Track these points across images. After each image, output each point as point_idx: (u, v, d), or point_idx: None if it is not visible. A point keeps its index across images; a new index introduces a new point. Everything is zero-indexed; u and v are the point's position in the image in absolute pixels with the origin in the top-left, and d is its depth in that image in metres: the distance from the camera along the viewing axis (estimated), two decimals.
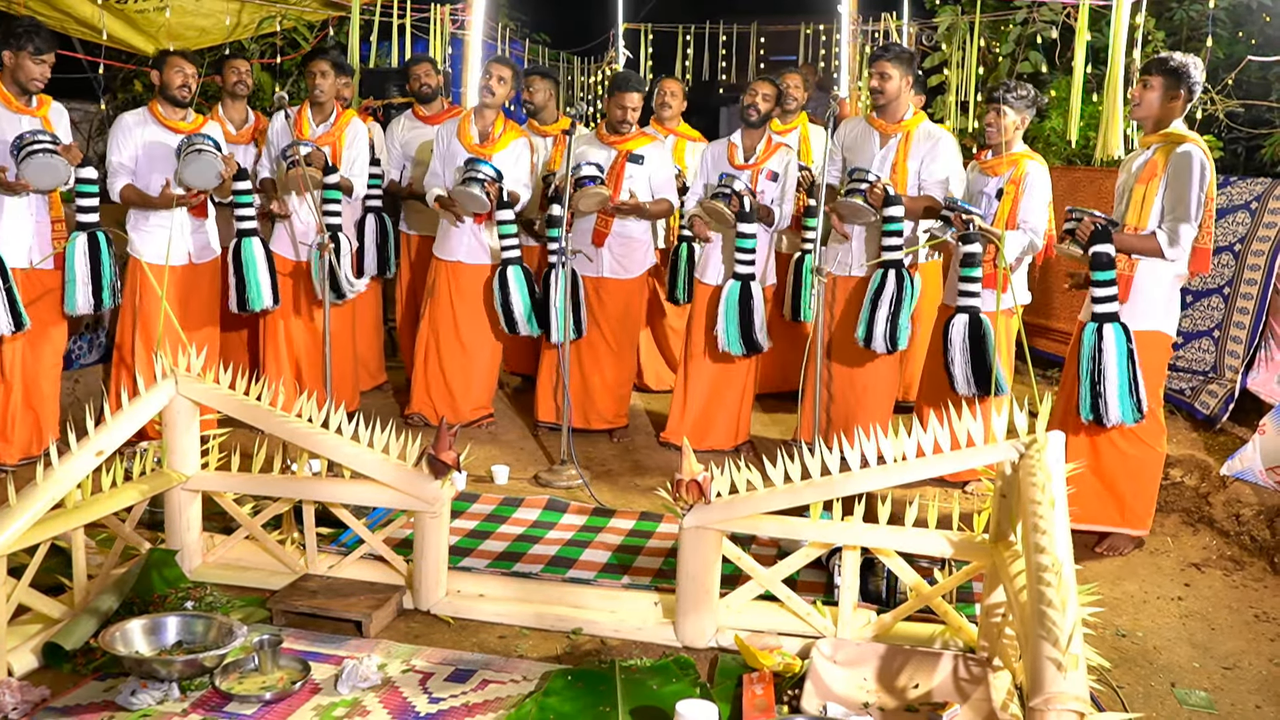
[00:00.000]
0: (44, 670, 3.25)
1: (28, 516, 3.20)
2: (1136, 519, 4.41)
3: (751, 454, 5.59)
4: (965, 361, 4.69)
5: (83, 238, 5.00)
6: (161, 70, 5.26)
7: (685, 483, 3.43)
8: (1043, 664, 2.44)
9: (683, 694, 3.09)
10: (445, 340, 5.85)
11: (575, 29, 13.70)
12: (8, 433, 4.98)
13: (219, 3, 6.87)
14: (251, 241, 5.42)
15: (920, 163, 5.12)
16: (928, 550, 3.46)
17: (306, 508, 3.92)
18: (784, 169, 5.45)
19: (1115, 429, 4.30)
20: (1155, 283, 4.26)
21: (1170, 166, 4.15)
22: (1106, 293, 4.16)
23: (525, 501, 4.84)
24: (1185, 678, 3.44)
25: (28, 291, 4.93)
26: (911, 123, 5.16)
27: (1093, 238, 4.16)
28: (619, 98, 5.49)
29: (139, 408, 3.73)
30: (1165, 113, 4.25)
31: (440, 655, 3.39)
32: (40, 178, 4.74)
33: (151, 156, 5.25)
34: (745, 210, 5.16)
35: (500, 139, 5.67)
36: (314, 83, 5.60)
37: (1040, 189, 4.73)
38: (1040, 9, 7.20)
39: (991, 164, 4.85)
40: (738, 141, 5.51)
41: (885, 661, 3.28)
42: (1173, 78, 4.18)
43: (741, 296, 5.25)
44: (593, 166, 5.38)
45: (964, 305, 4.71)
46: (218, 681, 3.12)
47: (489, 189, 5.40)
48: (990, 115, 4.79)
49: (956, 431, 3.36)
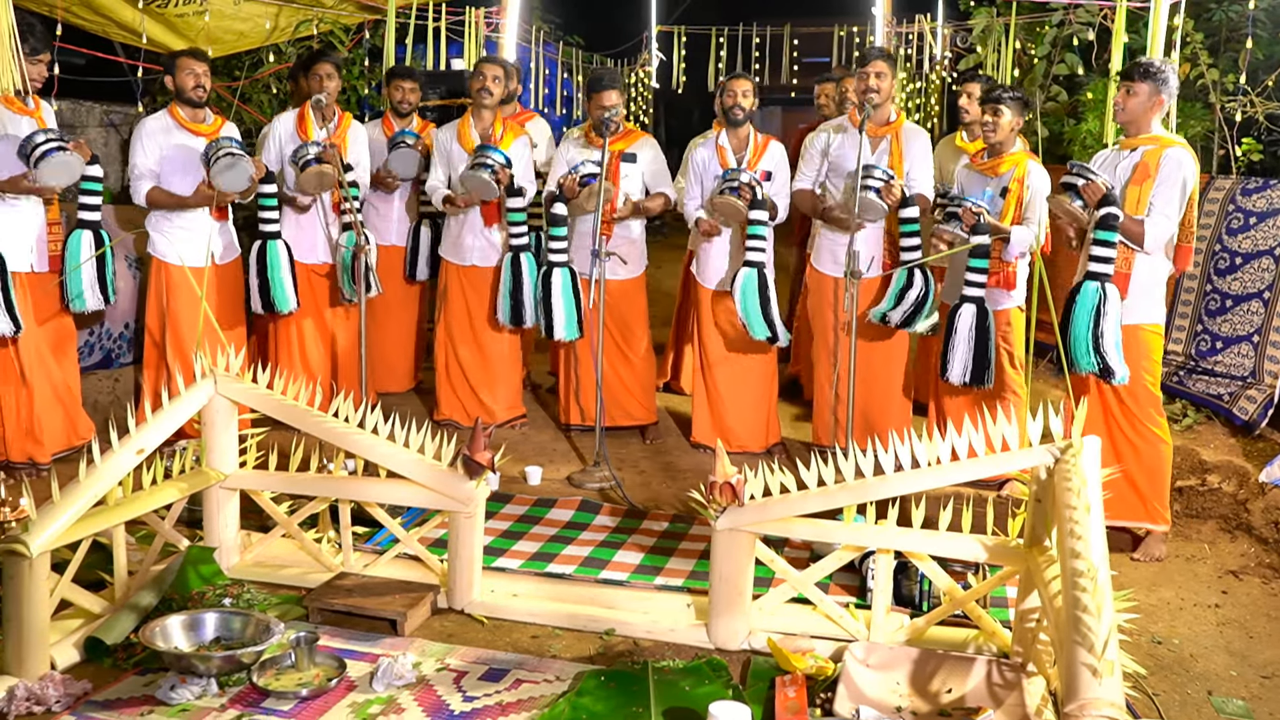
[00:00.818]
0: (85, 664, 3.30)
1: (71, 513, 3.25)
2: (1157, 513, 4.42)
3: (784, 455, 5.58)
4: (967, 351, 4.75)
5: (86, 234, 5.04)
6: (173, 74, 5.28)
7: (718, 485, 3.43)
8: (1078, 670, 2.43)
9: (715, 695, 3.10)
10: (463, 345, 5.88)
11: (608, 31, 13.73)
12: (36, 432, 5.03)
13: (257, 6, 6.93)
14: (276, 244, 5.48)
15: (911, 161, 5.21)
16: (962, 554, 3.46)
17: (343, 507, 3.96)
18: (777, 166, 5.45)
19: (1130, 425, 4.36)
20: (1154, 280, 4.37)
21: (1163, 168, 4.26)
22: (1107, 253, 4.22)
23: (559, 502, 4.86)
24: (1222, 686, 3.41)
25: (33, 292, 4.97)
26: (898, 124, 5.24)
27: (1102, 200, 4.22)
28: (598, 98, 5.43)
29: (179, 407, 3.78)
30: (1147, 116, 4.35)
31: (474, 654, 3.42)
32: (57, 176, 4.78)
33: (176, 160, 5.28)
34: (758, 199, 5.18)
35: (502, 139, 5.69)
36: (320, 85, 5.60)
37: (1042, 188, 4.79)
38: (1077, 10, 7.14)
39: (990, 164, 4.89)
40: (725, 144, 5.48)
41: (918, 665, 3.27)
42: (1155, 82, 4.29)
43: (758, 284, 5.24)
44: (592, 165, 5.37)
45: (970, 295, 4.76)
46: (255, 678, 3.16)
47: (499, 174, 5.43)
48: (988, 115, 4.81)
49: (990, 435, 3.35)
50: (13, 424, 4.98)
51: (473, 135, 5.68)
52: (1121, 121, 4.44)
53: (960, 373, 4.78)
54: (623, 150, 5.54)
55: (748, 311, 5.25)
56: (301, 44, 7.60)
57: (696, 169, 5.55)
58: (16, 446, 5.00)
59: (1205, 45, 6.56)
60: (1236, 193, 5.98)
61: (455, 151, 5.70)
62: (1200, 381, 5.83)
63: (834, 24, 12.89)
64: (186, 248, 5.29)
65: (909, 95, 11.05)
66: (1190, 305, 6.07)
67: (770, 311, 5.24)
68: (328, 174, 5.37)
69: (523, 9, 9.34)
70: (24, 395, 5.00)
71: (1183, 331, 6.08)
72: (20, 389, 4.99)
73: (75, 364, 5.34)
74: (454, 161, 5.70)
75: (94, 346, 5.81)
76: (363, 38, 8.29)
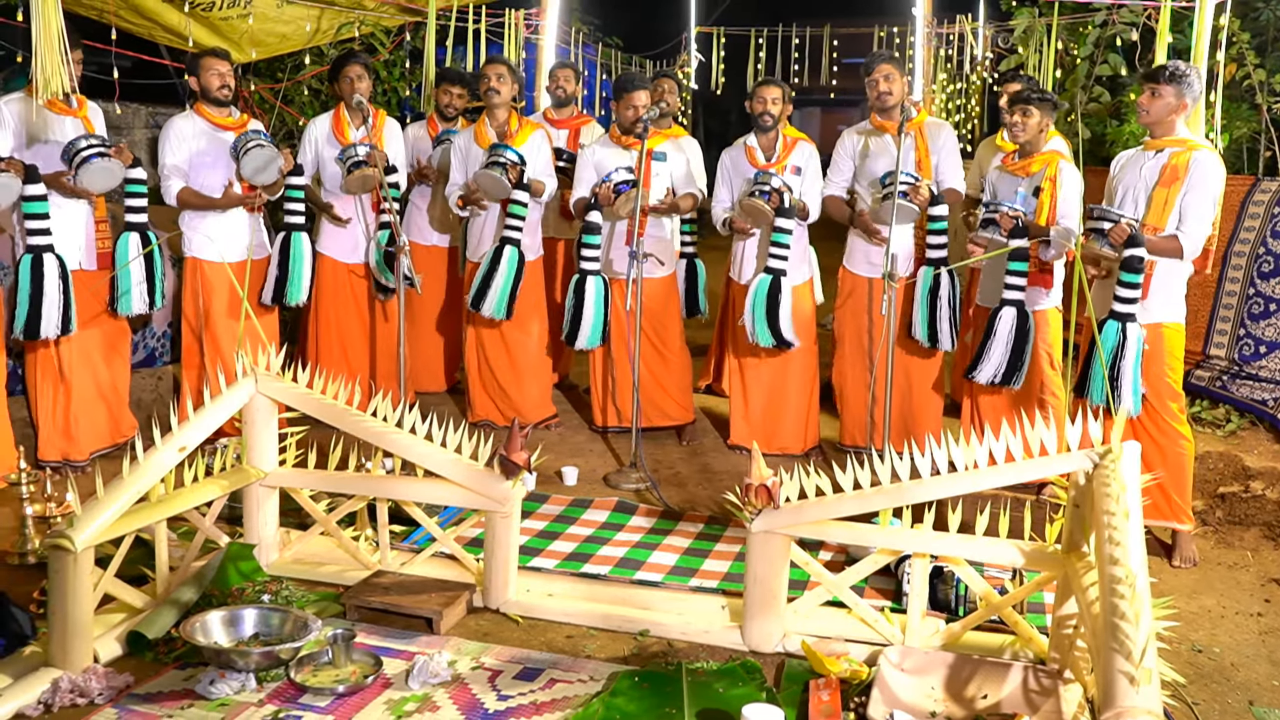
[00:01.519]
0: (127, 658, 3.35)
1: (114, 510, 3.31)
2: (1181, 512, 4.40)
3: (821, 459, 5.57)
4: (1003, 353, 4.74)
5: (134, 236, 5.10)
6: (198, 75, 5.31)
7: (754, 487, 3.43)
8: (1115, 677, 2.41)
9: (749, 698, 3.10)
10: (491, 345, 5.90)
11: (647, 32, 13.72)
12: (70, 430, 5.10)
13: (300, 9, 6.99)
14: (300, 236, 5.54)
15: (939, 156, 5.21)
16: (998, 559, 3.44)
17: (380, 505, 4.00)
18: (806, 162, 5.44)
19: (1155, 424, 4.37)
20: (1175, 280, 4.38)
21: (1193, 173, 4.24)
22: (1132, 294, 4.23)
23: (594, 503, 4.87)
24: (1264, 696, 3.36)
25: (80, 291, 5.03)
26: (919, 119, 5.25)
27: (1128, 241, 4.20)
28: (628, 98, 5.47)
29: (220, 405, 3.83)
30: (1172, 118, 4.34)
31: (509, 653, 3.44)
32: (98, 182, 4.84)
33: (205, 157, 5.32)
34: (784, 206, 5.17)
35: (518, 134, 5.71)
36: (351, 87, 5.64)
37: (1074, 186, 4.75)
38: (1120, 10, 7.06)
39: (1021, 164, 4.85)
40: (754, 144, 5.49)
41: (954, 671, 3.25)
42: (1180, 85, 4.28)
43: (770, 290, 5.24)
44: (625, 172, 5.39)
45: (1010, 299, 4.73)
46: (292, 673, 3.19)
47: (510, 172, 5.45)
48: (1017, 115, 4.78)
49: (1029, 440, 3.33)
50: (48, 423, 5.06)
51: (489, 135, 5.72)
52: (1145, 123, 4.43)
53: (990, 374, 4.76)
54: (652, 149, 5.55)
55: (755, 316, 5.26)
56: (343, 46, 7.66)
57: (726, 171, 5.58)
58: (51, 445, 5.07)
59: (1252, 45, 6.47)
60: None
61: (473, 152, 5.73)
62: (1244, 386, 5.74)
63: (874, 24, 12.80)
64: (221, 245, 5.34)
65: (949, 96, 10.97)
66: (1232, 309, 5.99)
67: (777, 319, 5.24)
68: (371, 176, 5.42)
69: (562, 10, 9.35)
70: (62, 394, 5.07)
71: (1225, 336, 6.00)
72: (59, 387, 5.07)
73: (126, 363, 5.41)
74: (471, 162, 5.73)
75: (138, 345, 5.90)
76: (404, 40, 8.35)
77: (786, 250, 5.24)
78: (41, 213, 4.74)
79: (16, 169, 4.60)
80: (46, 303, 4.74)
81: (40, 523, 4.13)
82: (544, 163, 5.79)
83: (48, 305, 4.75)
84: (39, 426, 5.08)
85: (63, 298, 4.79)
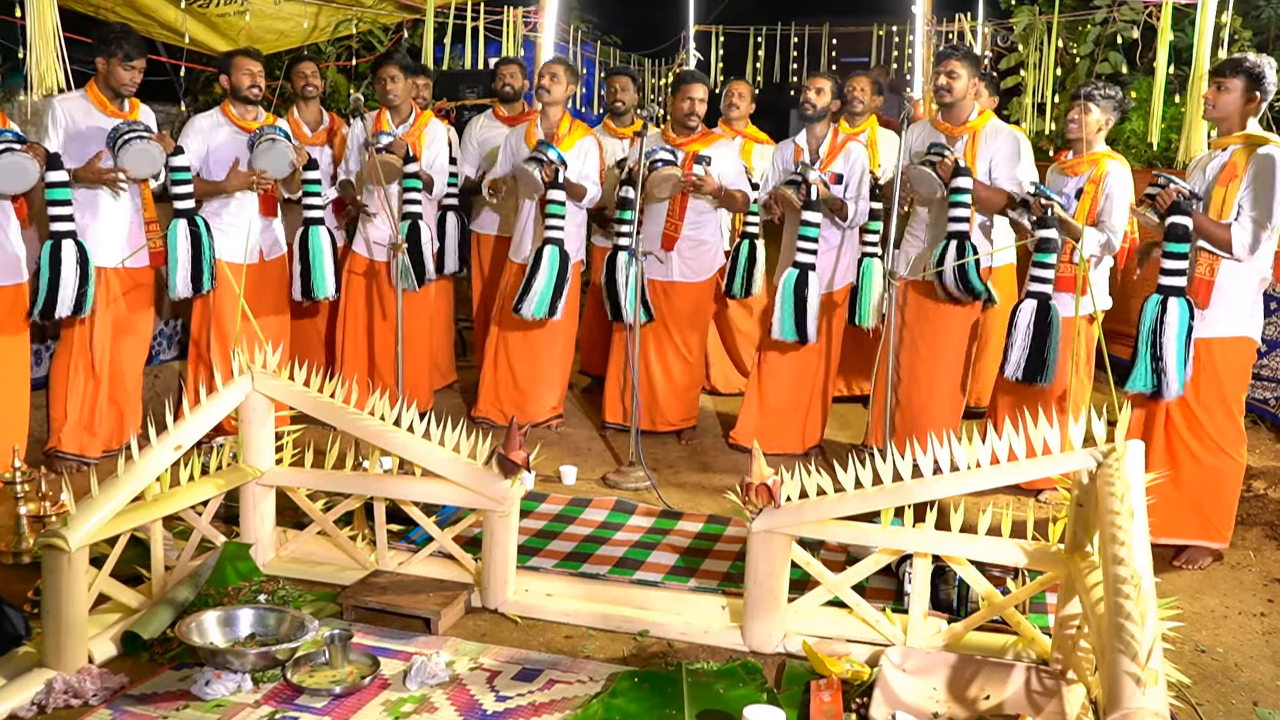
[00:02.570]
0: (122, 658, 3.32)
1: (109, 508, 3.28)
2: (1216, 531, 4.30)
3: (821, 458, 5.55)
4: (1024, 347, 4.65)
5: (183, 223, 5.10)
6: (229, 73, 5.36)
7: (755, 486, 3.41)
8: (1120, 678, 2.39)
9: (750, 699, 3.08)
10: (515, 343, 5.88)
11: (646, 31, 13.72)
12: (94, 426, 5.10)
13: (297, 6, 6.98)
14: (319, 230, 5.55)
15: (990, 162, 5.05)
16: (1001, 559, 3.41)
17: (377, 504, 3.97)
18: (849, 168, 5.41)
19: (1197, 438, 4.23)
20: (1239, 288, 4.17)
21: (1251, 169, 4.07)
22: (1176, 265, 4.07)
23: (593, 502, 4.84)
24: (1268, 697, 3.34)
25: (122, 287, 5.07)
26: (978, 123, 5.09)
27: (1171, 209, 4.08)
28: (685, 90, 5.51)
29: (216, 404, 3.80)
30: (1241, 114, 4.16)
31: (508, 654, 3.41)
32: (138, 164, 4.84)
33: (225, 156, 5.34)
34: (811, 199, 5.14)
35: (567, 138, 5.70)
36: (385, 88, 5.68)
37: (1121, 189, 4.62)
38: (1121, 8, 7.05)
39: (1071, 164, 4.76)
40: (802, 143, 5.49)
41: (956, 671, 3.23)
42: (1249, 79, 4.11)
43: (798, 284, 5.22)
44: (665, 151, 5.38)
45: (1034, 291, 4.66)
46: (289, 674, 3.16)
47: (546, 170, 5.45)
48: (1074, 111, 4.67)
49: (1032, 439, 3.30)
50: (74, 415, 5.04)
51: (538, 134, 5.74)
52: (1211, 119, 4.27)
53: (1014, 369, 4.69)
54: (697, 151, 5.53)
55: (782, 310, 5.23)
56: (341, 43, 7.65)
57: (775, 165, 5.58)
58: (72, 437, 5.05)
59: (1253, 43, 6.47)
60: None
61: (522, 151, 5.74)
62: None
63: (873, 23, 12.81)
64: (231, 243, 5.34)
65: None
66: None
67: (805, 315, 5.20)
68: (391, 164, 5.40)
69: (561, 8, 9.34)
70: (91, 389, 5.06)
71: None
72: (89, 382, 5.06)
73: (140, 363, 5.40)
74: (518, 158, 5.73)
75: None
76: (401, 37, 8.34)
77: (814, 244, 5.21)
78: (63, 199, 4.73)
79: (38, 154, 4.59)
80: (63, 285, 4.73)
81: (35, 522, 4.10)
82: (591, 168, 5.78)
83: (64, 288, 4.74)
84: (60, 418, 5.06)
85: (78, 281, 4.77)
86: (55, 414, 5.06)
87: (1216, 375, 4.21)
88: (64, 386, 5.03)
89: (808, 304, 5.21)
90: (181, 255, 5.10)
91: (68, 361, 5.02)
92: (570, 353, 6.05)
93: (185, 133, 5.37)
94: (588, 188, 5.71)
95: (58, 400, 5.06)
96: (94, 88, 4.94)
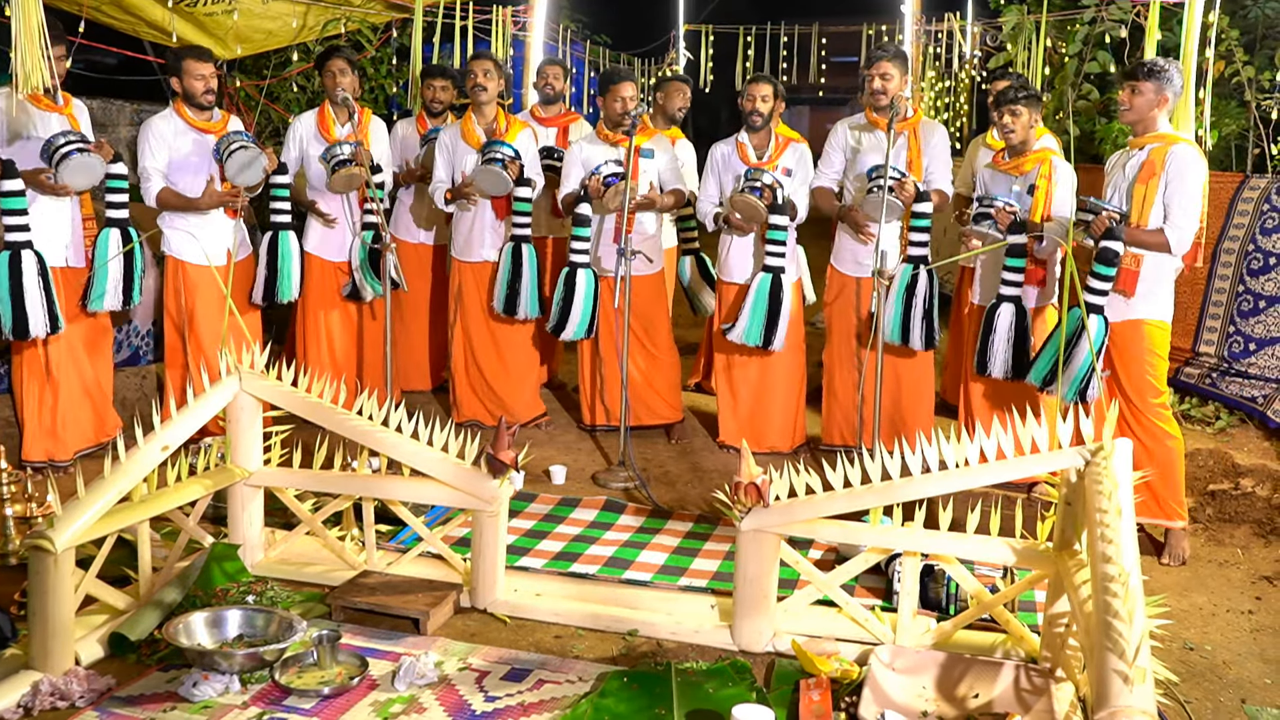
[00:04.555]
0: (109, 660, 3.31)
1: (95, 510, 3.26)
2: (1172, 510, 4.39)
3: (810, 456, 5.55)
4: (1007, 349, 4.72)
5: (115, 233, 5.03)
6: (180, 77, 5.22)
7: (744, 486, 3.41)
8: (1109, 676, 2.39)
9: (739, 698, 3.08)
10: (480, 344, 5.86)
11: (636, 30, 13.70)
12: (57, 430, 5.04)
13: (285, 5, 6.94)
14: (288, 235, 5.51)
15: (929, 157, 5.21)
16: (990, 558, 3.42)
17: (366, 505, 3.96)
18: (798, 164, 5.41)
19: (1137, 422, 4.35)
20: (1160, 276, 4.35)
21: (1169, 166, 4.24)
22: (1103, 286, 4.26)
23: (583, 502, 4.84)
24: (1256, 694, 3.35)
25: (65, 289, 4.98)
26: (914, 120, 5.26)
27: (1105, 234, 4.22)
28: (615, 90, 5.46)
29: (203, 404, 3.79)
30: (1153, 114, 4.33)
31: (497, 654, 3.40)
32: (77, 178, 4.77)
33: (185, 159, 5.25)
34: (778, 202, 5.14)
35: (507, 132, 5.68)
36: (334, 82, 5.57)
37: (1067, 181, 4.76)
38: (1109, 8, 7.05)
39: (1014, 164, 4.83)
40: (745, 141, 5.46)
41: (945, 670, 3.23)
42: (1159, 80, 4.28)
43: (772, 289, 5.21)
44: (614, 165, 5.36)
45: (1008, 295, 4.72)
46: (277, 675, 3.15)
47: (511, 168, 5.42)
48: (1006, 117, 4.76)
49: (1020, 437, 3.31)
50: (34, 422, 5.00)
51: (477, 132, 5.67)
52: (1128, 121, 4.43)
53: (1001, 369, 4.74)
54: (640, 146, 5.52)
55: (752, 315, 5.23)
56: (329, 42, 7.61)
57: (715, 166, 5.54)
58: (36, 445, 5.01)
59: (1240, 43, 6.48)
60: (1271, 192, 5.88)
61: (460, 149, 5.68)
62: (1233, 384, 5.74)
63: (863, 23, 12.80)
64: (203, 244, 5.27)
65: (938, 94, 10.97)
66: (1222, 306, 5.98)
67: (776, 320, 5.21)
68: (357, 175, 5.37)
69: (550, 7, 9.33)
70: (49, 393, 5.02)
71: (1215, 333, 5.99)
72: (45, 387, 5.01)
73: (109, 361, 5.37)
74: (459, 159, 5.69)
75: (121, 344, 5.84)
76: (390, 36, 8.31)
77: (783, 247, 5.21)
78: (19, 209, 4.67)
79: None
80: (29, 300, 4.68)
81: (21, 523, 4.08)
82: (531, 160, 5.75)
83: (30, 303, 4.68)
84: (24, 426, 5.01)
85: (44, 294, 4.73)
86: (21, 422, 5.02)
87: (1145, 357, 4.34)
88: (21, 395, 4.99)
89: (780, 309, 5.21)
90: (112, 266, 5.01)
91: (22, 369, 4.98)
92: (536, 349, 6.02)
93: (145, 137, 5.22)
94: (535, 180, 5.67)
95: (20, 409, 5.02)
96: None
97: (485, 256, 5.80)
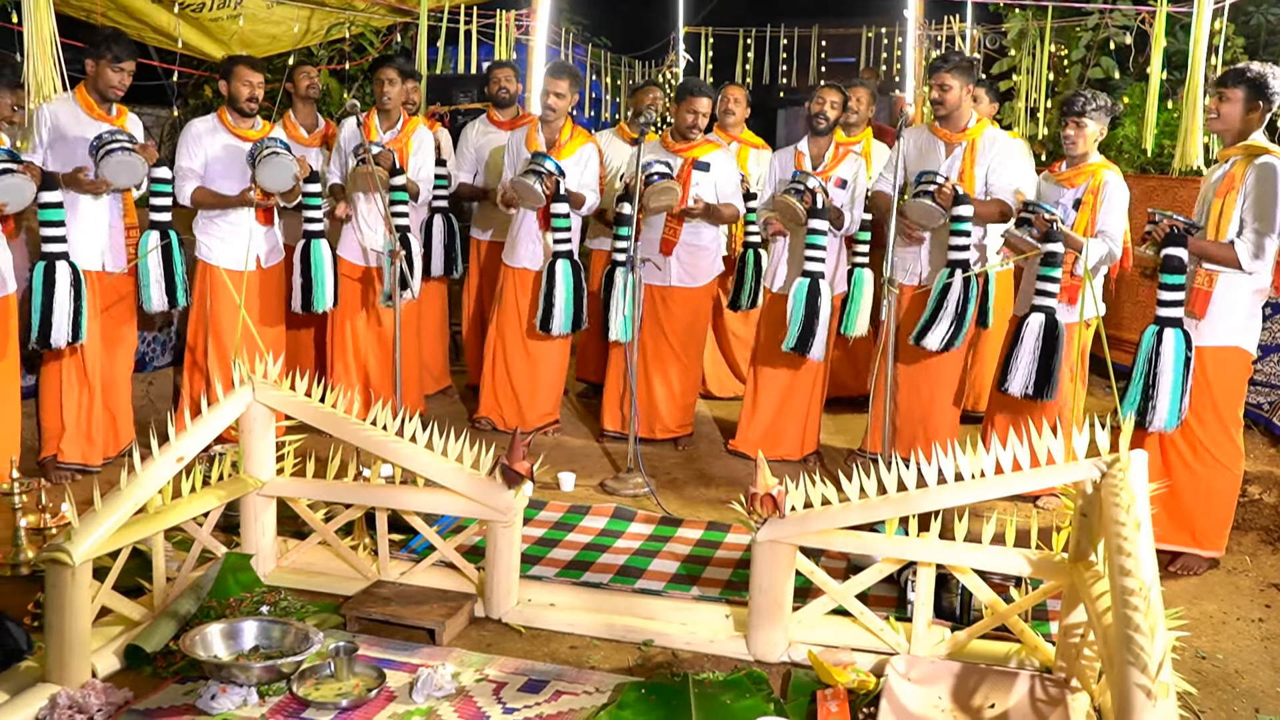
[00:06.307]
0: (126, 672, 3.30)
1: (112, 521, 3.25)
2: (1208, 540, 4.32)
3: (819, 464, 5.55)
4: (1031, 362, 4.66)
5: (155, 235, 5.07)
6: (229, 81, 5.32)
7: (760, 496, 3.41)
8: (1131, 691, 2.40)
9: (757, 710, 3.08)
10: (512, 347, 5.88)
11: (636, 33, 13.69)
12: (92, 435, 5.06)
13: (289, 10, 6.96)
14: (320, 243, 5.52)
15: (987, 170, 5.09)
16: (1005, 568, 3.42)
17: (379, 514, 3.96)
18: (853, 176, 5.42)
19: (1190, 447, 4.25)
20: (1235, 297, 4.16)
21: (1250, 178, 4.05)
22: (1172, 297, 4.10)
23: (592, 509, 4.84)
24: (1269, 703, 3.36)
25: (103, 296, 5.02)
26: (975, 130, 5.14)
27: (1166, 240, 4.10)
28: (688, 103, 5.51)
29: (217, 414, 3.78)
30: (1245, 124, 4.13)
31: (513, 665, 3.40)
32: (119, 175, 4.80)
33: (221, 163, 5.32)
34: (817, 207, 5.14)
35: (567, 145, 5.69)
36: (381, 90, 5.65)
37: (1118, 199, 4.65)
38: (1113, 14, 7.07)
39: (1067, 175, 4.77)
40: (805, 149, 5.49)
41: (960, 680, 3.24)
42: (1252, 88, 4.07)
43: (809, 294, 5.21)
44: (663, 165, 5.39)
45: (1040, 305, 4.66)
46: (295, 688, 3.15)
47: (547, 182, 5.43)
48: (1070, 129, 4.68)
49: (1036, 448, 3.31)
50: (73, 424, 5.01)
51: (539, 141, 5.74)
52: (1215, 130, 4.24)
53: (1021, 385, 4.68)
54: (696, 158, 5.53)
55: (792, 321, 5.23)
56: (333, 47, 7.62)
57: (773, 173, 5.58)
58: (74, 447, 5.02)
59: (1245, 49, 6.49)
60: None
61: (524, 154, 5.73)
62: None
63: (862, 25, 12.82)
64: (232, 250, 5.32)
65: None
66: None
67: (815, 325, 5.20)
68: (372, 174, 5.38)
69: (552, 11, 9.33)
70: (86, 397, 5.04)
71: None
72: (84, 391, 5.03)
73: (129, 370, 5.38)
74: (520, 163, 5.72)
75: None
76: (393, 40, 8.31)
77: (822, 252, 5.21)
78: (56, 220, 4.69)
79: (34, 174, 4.54)
80: (57, 310, 4.69)
81: (34, 534, 4.08)
82: (591, 176, 5.78)
83: (58, 313, 4.70)
84: (48, 429, 5.02)
85: (73, 305, 4.74)
86: (48, 423, 5.02)
87: (1208, 385, 4.22)
88: (57, 396, 4.99)
89: (819, 315, 5.20)
90: (152, 267, 5.06)
91: (59, 370, 4.98)
92: (566, 359, 6.04)
93: (184, 139, 5.33)
94: (586, 195, 5.70)
95: (50, 409, 5.01)
96: (83, 91, 4.90)
97: (525, 264, 5.83)
